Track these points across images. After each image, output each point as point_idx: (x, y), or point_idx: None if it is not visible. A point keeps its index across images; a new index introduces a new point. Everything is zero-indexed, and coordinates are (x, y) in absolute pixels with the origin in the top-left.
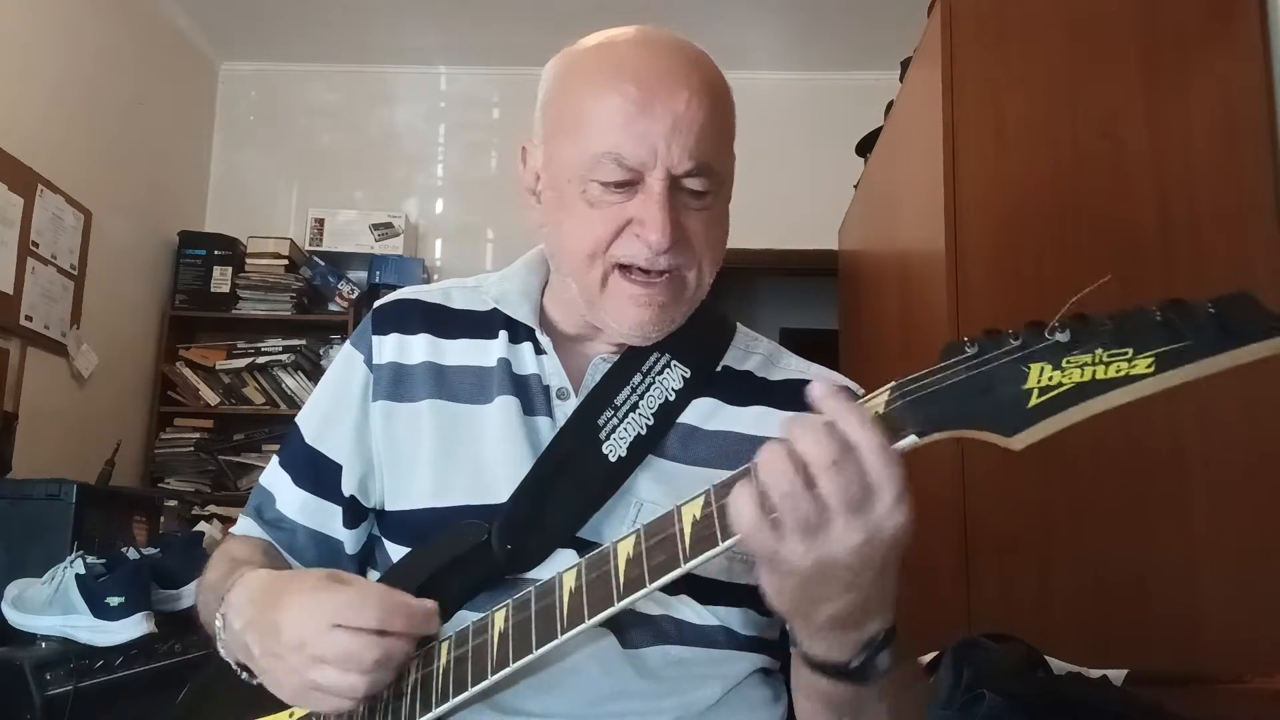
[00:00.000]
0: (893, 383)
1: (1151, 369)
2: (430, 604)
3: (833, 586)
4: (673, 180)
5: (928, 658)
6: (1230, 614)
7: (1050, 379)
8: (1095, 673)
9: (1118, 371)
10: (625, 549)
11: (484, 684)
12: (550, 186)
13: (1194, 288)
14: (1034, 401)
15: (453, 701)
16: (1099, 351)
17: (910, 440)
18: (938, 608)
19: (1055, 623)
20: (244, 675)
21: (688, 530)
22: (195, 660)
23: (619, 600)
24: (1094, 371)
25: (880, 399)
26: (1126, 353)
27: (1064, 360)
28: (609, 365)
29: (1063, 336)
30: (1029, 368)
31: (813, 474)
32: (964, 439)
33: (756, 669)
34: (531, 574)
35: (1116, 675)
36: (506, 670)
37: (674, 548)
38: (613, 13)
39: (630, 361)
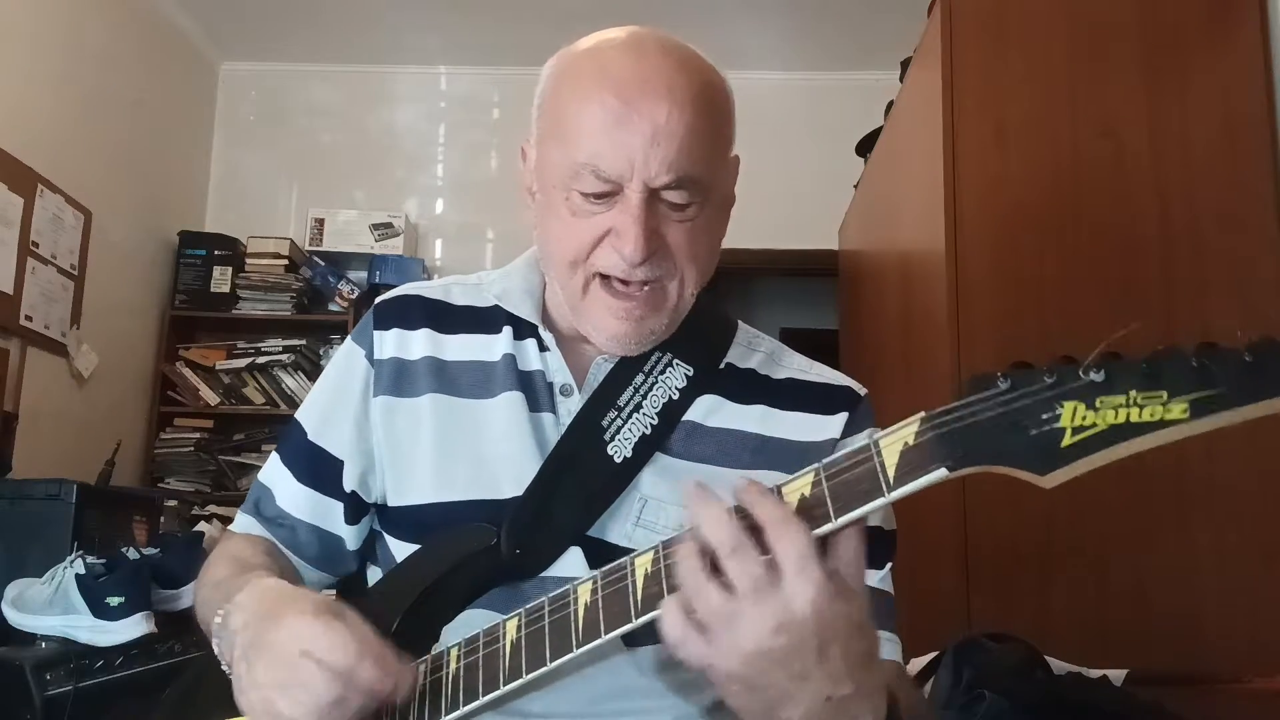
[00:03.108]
0: (922, 413)
1: (1186, 414)
2: (408, 668)
3: (778, 685)
4: (651, 192)
5: (928, 658)
6: (1230, 614)
7: (1084, 419)
8: (1095, 673)
9: (1152, 415)
10: (643, 564)
11: (496, 693)
12: (540, 189)
13: (1194, 288)
14: (1068, 441)
15: (463, 710)
16: (1133, 393)
17: (941, 473)
18: (938, 608)
19: (1055, 623)
20: (231, 675)
21: None
22: (195, 660)
23: (637, 616)
24: (1128, 414)
25: (910, 430)
26: (1161, 395)
27: (1098, 400)
28: (610, 365)
29: (1097, 376)
30: (1062, 406)
31: (718, 559)
32: (994, 474)
33: None
34: (540, 575)
35: (1116, 675)
36: (520, 681)
37: None
38: (613, 12)
39: (632, 361)
